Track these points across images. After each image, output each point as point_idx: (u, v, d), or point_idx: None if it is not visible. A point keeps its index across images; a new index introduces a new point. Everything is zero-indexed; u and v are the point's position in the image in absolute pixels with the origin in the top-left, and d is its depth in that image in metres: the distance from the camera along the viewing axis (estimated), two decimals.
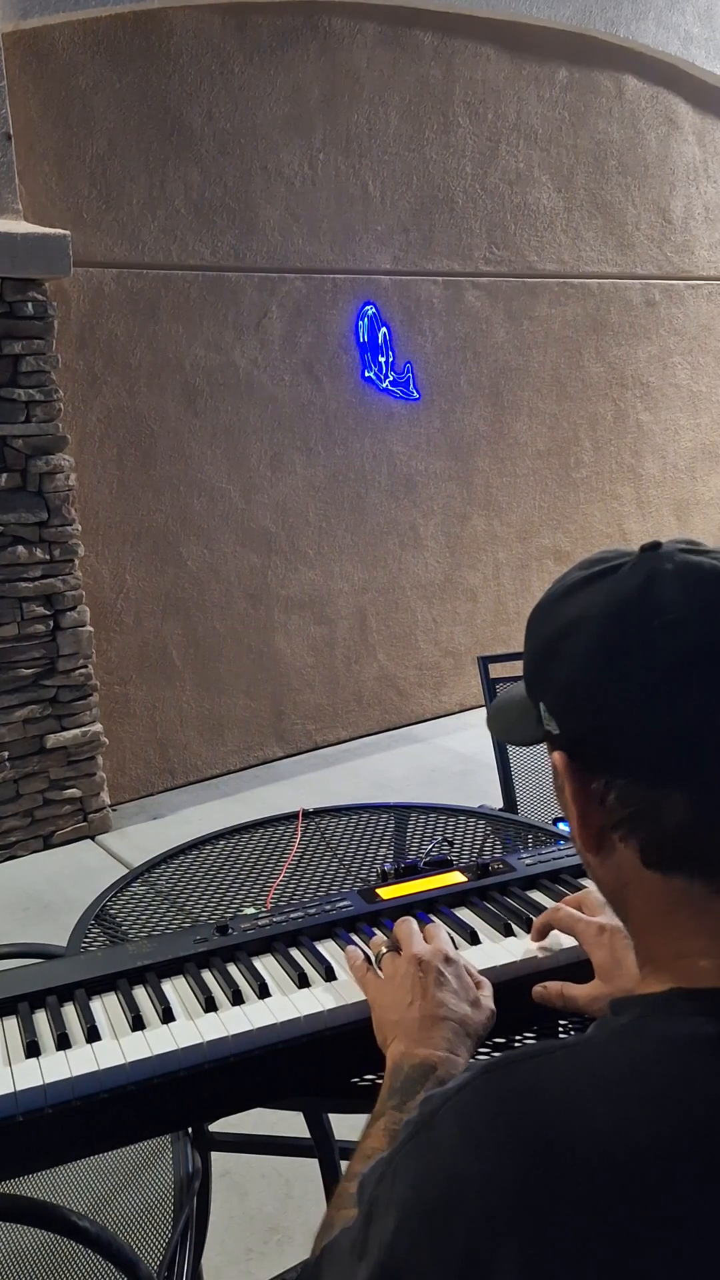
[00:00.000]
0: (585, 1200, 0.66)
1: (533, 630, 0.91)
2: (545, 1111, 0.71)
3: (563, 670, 0.85)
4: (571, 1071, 0.75)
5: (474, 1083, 0.76)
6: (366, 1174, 0.80)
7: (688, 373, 7.20)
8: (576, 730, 0.84)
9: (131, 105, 4.88)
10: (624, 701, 0.80)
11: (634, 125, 6.54)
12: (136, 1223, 1.72)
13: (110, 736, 5.14)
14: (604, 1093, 0.72)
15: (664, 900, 0.83)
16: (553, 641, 0.87)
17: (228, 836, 2.13)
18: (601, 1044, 0.77)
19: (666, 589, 0.80)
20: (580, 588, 0.86)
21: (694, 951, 0.81)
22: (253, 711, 5.77)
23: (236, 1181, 2.70)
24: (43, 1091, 1.17)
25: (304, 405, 5.63)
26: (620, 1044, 0.76)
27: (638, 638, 0.80)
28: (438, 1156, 0.73)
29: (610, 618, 0.82)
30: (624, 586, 0.83)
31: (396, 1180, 0.75)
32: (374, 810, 2.25)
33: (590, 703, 0.82)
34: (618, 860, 0.85)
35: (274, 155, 5.30)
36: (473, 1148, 0.71)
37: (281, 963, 1.41)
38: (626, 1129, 0.69)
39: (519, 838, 2.15)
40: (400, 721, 6.36)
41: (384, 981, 1.27)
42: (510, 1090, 0.74)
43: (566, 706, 0.85)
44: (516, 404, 6.43)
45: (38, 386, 4.52)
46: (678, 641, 0.78)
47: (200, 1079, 1.23)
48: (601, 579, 0.85)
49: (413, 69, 5.65)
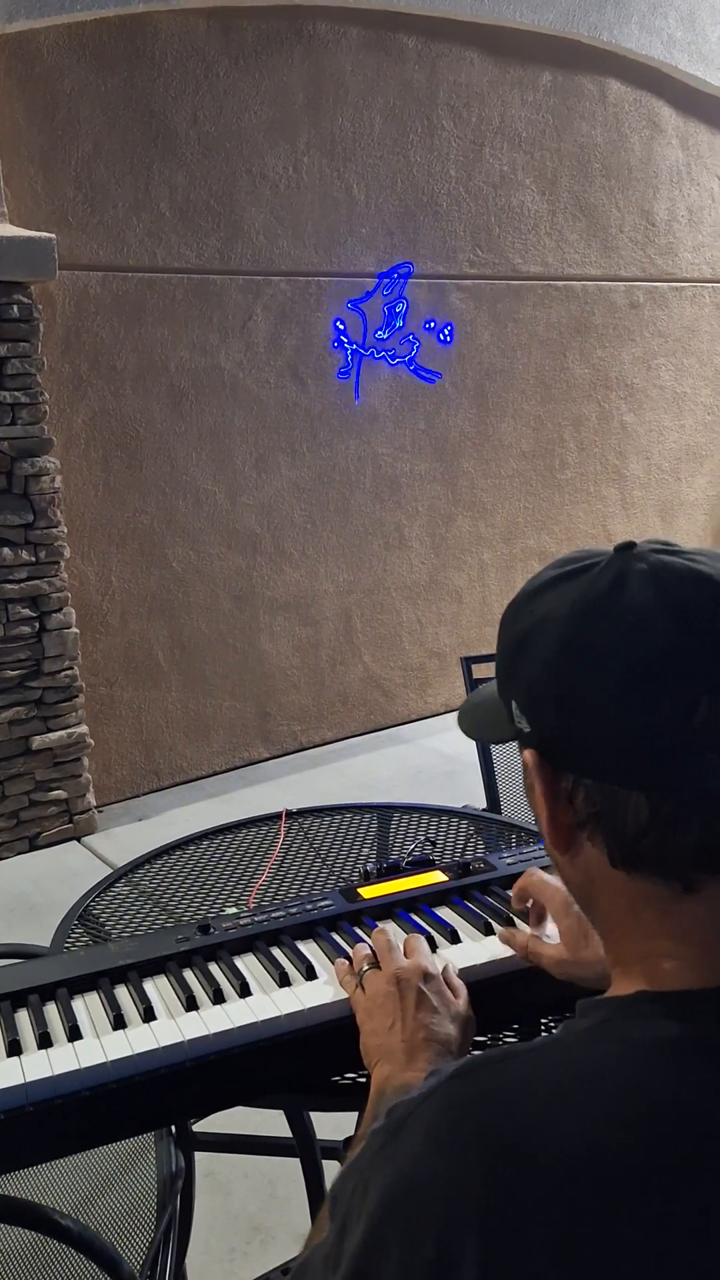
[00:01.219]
0: (550, 1203, 0.67)
1: (504, 628, 0.92)
2: (510, 1115, 0.72)
3: (532, 668, 0.85)
4: (537, 1075, 0.75)
5: (440, 1089, 0.77)
6: (338, 1185, 0.80)
7: (672, 374, 7.23)
8: (545, 729, 0.85)
9: (117, 109, 4.88)
10: (589, 701, 0.80)
11: (618, 128, 6.56)
12: (120, 1222, 1.73)
13: (96, 738, 5.14)
14: (569, 1096, 0.72)
15: (630, 900, 0.83)
16: (522, 639, 0.87)
17: (211, 837, 2.15)
18: (567, 1047, 0.78)
19: (637, 589, 0.81)
20: (552, 586, 0.87)
21: (659, 952, 0.82)
22: (238, 713, 5.78)
23: (220, 1181, 2.71)
24: (24, 1090, 1.17)
25: (289, 407, 5.64)
26: (586, 1047, 0.77)
27: (605, 637, 0.80)
28: (405, 1163, 0.73)
29: (578, 616, 0.82)
30: (595, 586, 0.83)
31: (368, 1191, 0.75)
32: (357, 810, 2.26)
33: (557, 701, 0.83)
34: (585, 859, 0.85)
35: (259, 158, 5.31)
36: (438, 1152, 0.72)
37: (263, 962, 1.42)
38: (591, 1132, 0.69)
39: (501, 837, 2.17)
40: (385, 722, 6.37)
41: (367, 1002, 1.25)
42: (475, 1094, 0.75)
43: (535, 704, 0.85)
44: (501, 406, 6.45)
45: (23, 389, 4.52)
46: (645, 642, 0.78)
47: (181, 1077, 1.24)
48: (574, 578, 0.85)
49: (397, 72, 5.66)
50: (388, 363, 5.90)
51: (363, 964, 1.32)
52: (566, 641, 0.82)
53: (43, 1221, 1.42)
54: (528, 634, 0.87)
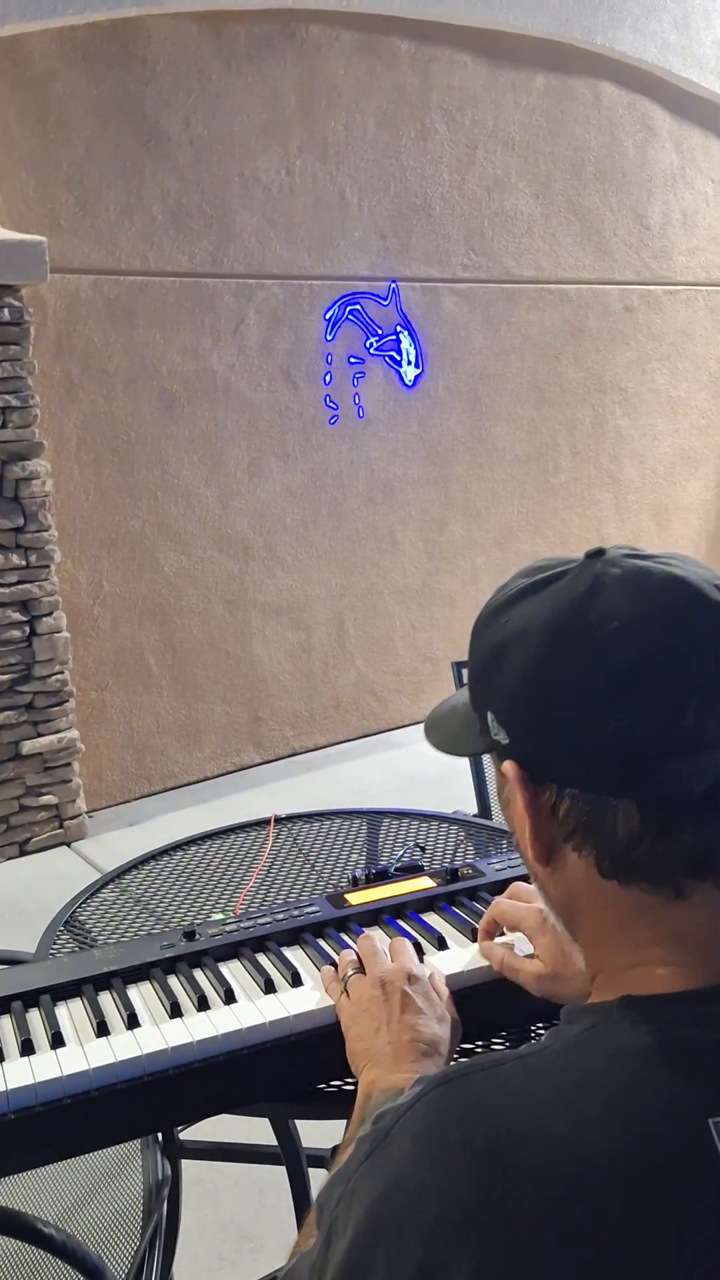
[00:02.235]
0: (538, 1210, 0.67)
1: (477, 640, 0.91)
2: (498, 1122, 0.71)
3: (510, 678, 0.84)
4: (524, 1082, 0.75)
5: (427, 1096, 0.76)
6: (325, 1194, 0.79)
7: (666, 378, 7.23)
8: (526, 740, 0.84)
9: (108, 112, 4.88)
10: (573, 709, 0.79)
11: (611, 132, 6.56)
12: (105, 1230, 1.71)
13: (87, 743, 5.12)
14: (557, 1102, 0.72)
15: (619, 909, 0.83)
16: (498, 650, 0.86)
17: (199, 842, 2.13)
18: (555, 1053, 0.77)
19: (613, 595, 0.80)
20: (524, 596, 0.86)
21: (651, 960, 0.81)
22: (230, 718, 5.76)
23: (209, 1190, 2.70)
24: (5, 1097, 1.16)
25: (281, 411, 5.63)
26: (573, 1054, 0.76)
27: (583, 646, 0.79)
28: (392, 1170, 0.73)
29: (555, 626, 0.81)
30: (569, 594, 0.82)
31: (354, 1199, 0.74)
32: (346, 816, 2.24)
33: (537, 713, 0.82)
34: (569, 872, 0.84)
35: (251, 162, 5.31)
36: (425, 1159, 0.71)
37: (248, 968, 1.40)
38: (579, 1139, 0.69)
39: (491, 843, 2.15)
40: (378, 727, 6.36)
41: (353, 1007, 1.24)
42: (463, 1101, 0.74)
43: (514, 717, 0.84)
44: (495, 409, 6.45)
45: (14, 392, 4.51)
46: (627, 648, 0.78)
47: (165, 1085, 1.22)
48: (545, 586, 0.85)
49: (390, 76, 5.66)
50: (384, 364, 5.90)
51: (347, 969, 1.30)
52: (546, 651, 0.81)
53: (25, 1230, 1.40)
54: (503, 645, 0.86)
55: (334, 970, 1.34)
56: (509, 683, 0.84)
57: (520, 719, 0.84)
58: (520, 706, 0.84)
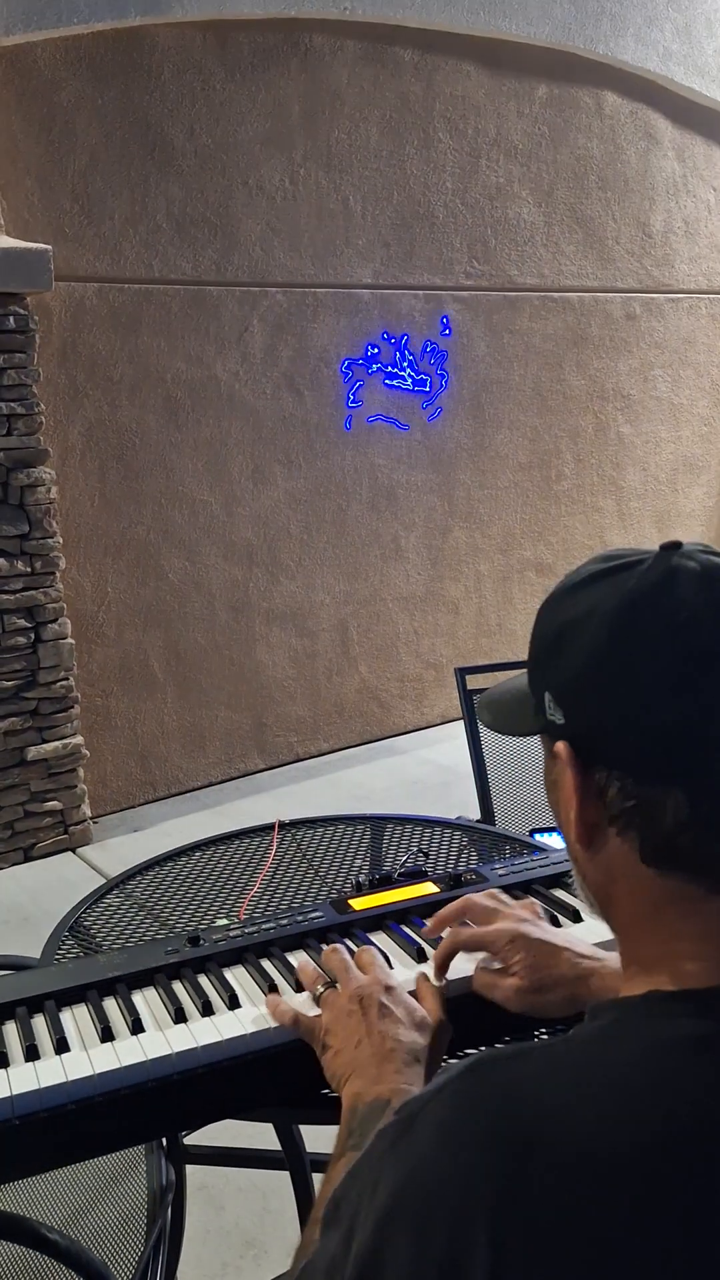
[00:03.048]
0: (565, 1201, 0.67)
1: (544, 618, 0.91)
2: (525, 1112, 0.71)
3: (574, 660, 0.85)
4: (551, 1072, 0.75)
5: (452, 1084, 0.76)
6: (341, 1189, 0.79)
7: (668, 385, 7.24)
8: (582, 721, 0.85)
9: (113, 121, 4.90)
10: (633, 695, 0.80)
11: (614, 140, 6.58)
12: (110, 1236, 1.72)
13: (91, 749, 5.13)
14: (584, 1094, 0.72)
15: (655, 897, 0.83)
16: (565, 630, 0.87)
17: (204, 848, 2.14)
18: (582, 1045, 0.78)
19: (686, 587, 0.81)
20: (597, 580, 0.87)
21: (681, 953, 0.81)
22: (234, 724, 5.77)
23: (214, 1195, 2.70)
24: (10, 1103, 1.17)
25: (285, 418, 5.64)
26: (601, 1046, 0.77)
27: (653, 633, 0.80)
28: (416, 1159, 0.73)
29: (626, 610, 0.82)
30: (643, 582, 0.83)
31: (377, 1189, 0.74)
32: (350, 822, 2.25)
33: (599, 694, 0.83)
34: (609, 855, 0.85)
35: (255, 170, 5.32)
36: (451, 1148, 0.71)
37: (252, 974, 1.41)
38: (607, 1131, 0.69)
39: (495, 849, 2.16)
40: (381, 733, 6.36)
41: (329, 1021, 1.22)
42: (489, 1091, 0.74)
43: (574, 697, 0.85)
44: (498, 417, 6.46)
45: (19, 400, 4.52)
46: (692, 639, 0.79)
47: (169, 1091, 1.23)
48: (619, 573, 0.85)
49: (393, 85, 5.68)
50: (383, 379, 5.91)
51: (316, 985, 1.29)
52: (614, 634, 0.82)
53: (30, 1235, 1.41)
54: (570, 625, 0.86)
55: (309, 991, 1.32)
56: (572, 663, 0.85)
57: (579, 700, 0.85)
58: (581, 687, 0.84)
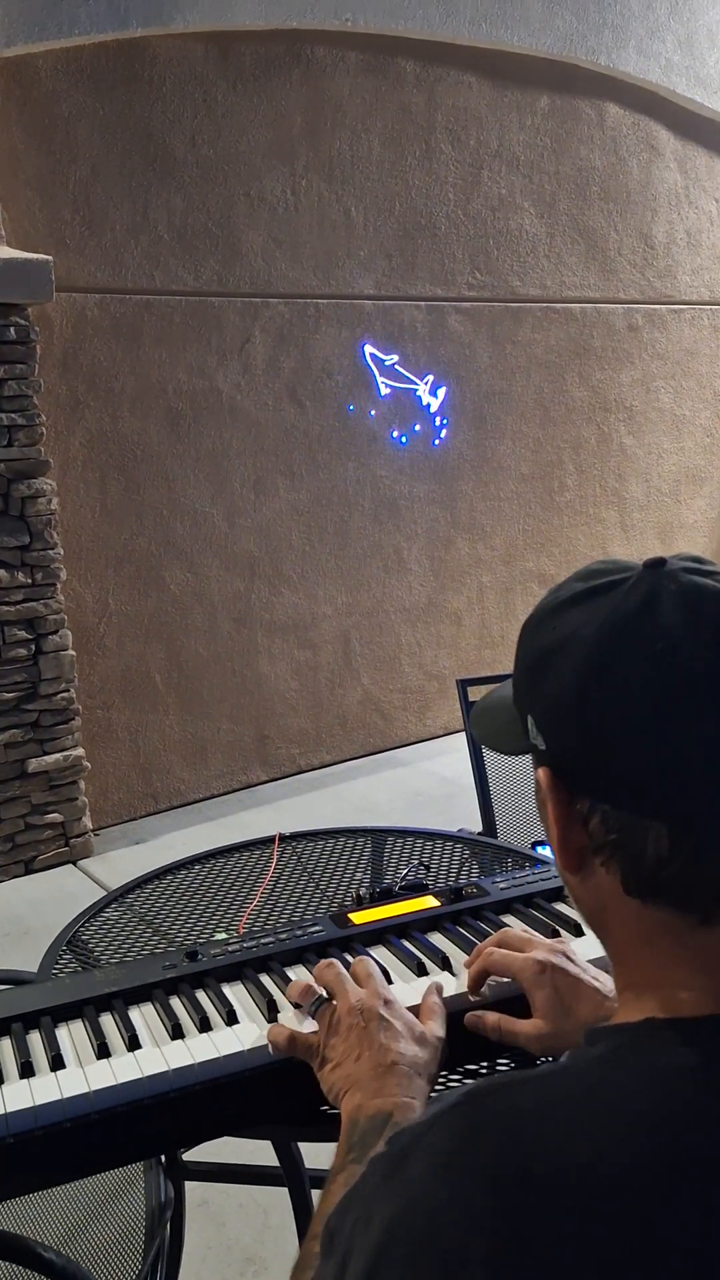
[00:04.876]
0: (563, 1231, 0.65)
1: (525, 641, 0.89)
2: (521, 1140, 0.70)
3: (553, 686, 0.83)
4: (545, 1101, 0.73)
5: (445, 1114, 0.74)
6: (336, 1218, 0.77)
7: (671, 396, 7.23)
8: (563, 749, 0.82)
9: (115, 132, 4.90)
10: (612, 725, 0.78)
11: (616, 152, 6.58)
12: (108, 1254, 1.70)
13: (92, 761, 5.11)
14: (582, 1122, 0.70)
15: (644, 928, 0.81)
16: (545, 655, 0.85)
17: (204, 861, 2.12)
18: (579, 1073, 0.76)
19: (669, 611, 0.78)
20: (578, 601, 0.84)
21: (674, 982, 0.80)
22: (236, 735, 5.76)
23: (214, 1212, 2.68)
24: (4, 1121, 1.15)
25: (287, 429, 5.64)
26: (598, 1073, 0.75)
27: (632, 661, 0.78)
28: (411, 1192, 0.71)
29: (606, 637, 0.80)
30: (624, 605, 0.80)
31: (371, 1223, 0.72)
32: (351, 834, 2.23)
33: (578, 723, 0.81)
34: (598, 883, 0.83)
35: (257, 181, 5.33)
36: (445, 1178, 0.69)
37: (250, 989, 1.39)
38: (606, 1159, 0.67)
39: (496, 862, 2.14)
40: (384, 745, 6.35)
41: (327, 1034, 1.21)
42: (484, 1120, 0.73)
43: (554, 723, 0.83)
44: (500, 428, 6.45)
45: (20, 411, 4.52)
46: (673, 668, 0.76)
47: (166, 1107, 1.21)
48: (601, 594, 0.83)
49: (395, 96, 5.68)
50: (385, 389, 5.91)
51: (310, 1000, 1.28)
52: (593, 664, 0.80)
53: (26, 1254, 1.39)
54: (551, 651, 0.84)
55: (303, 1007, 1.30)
56: (552, 691, 0.83)
57: (559, 728, 0.83)
58: (560, 716, 0.82)
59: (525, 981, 1.26)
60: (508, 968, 1.29)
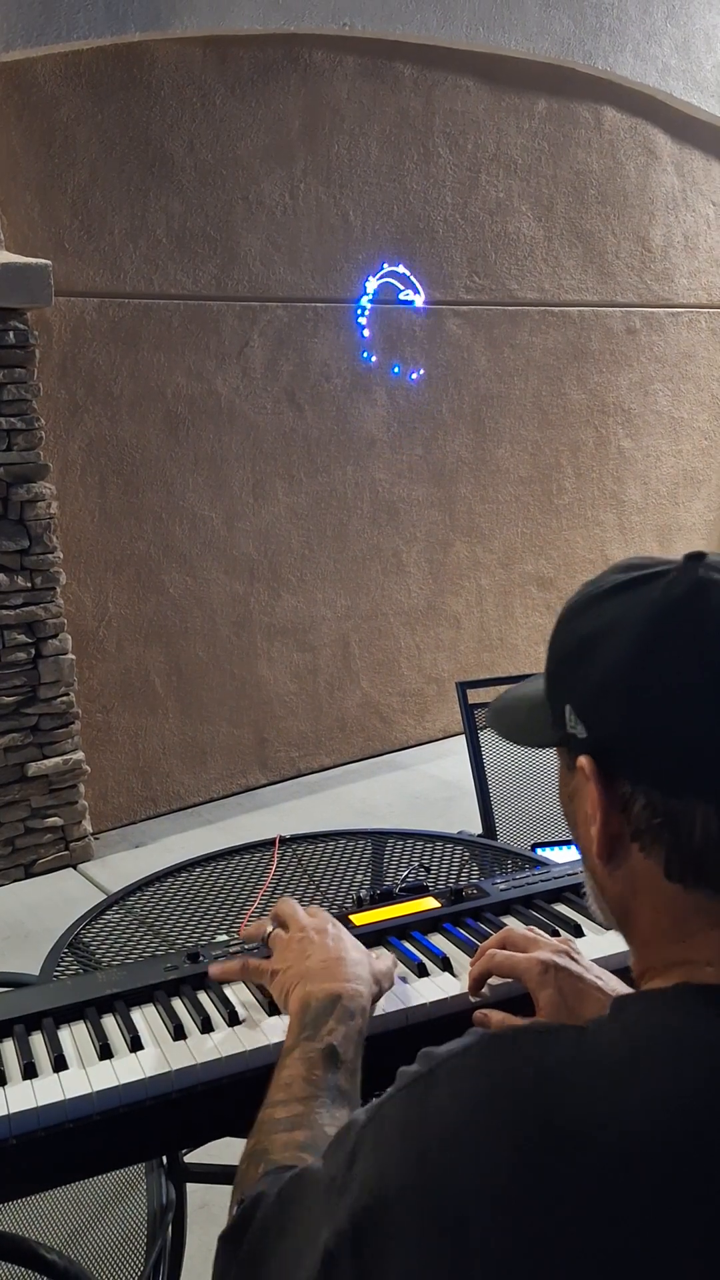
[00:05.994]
0: (582, 1183, 0.66)
1: (563, 629, 0.90)
2: (548, 1091, 0.71)
3: (597, 672, 0.84)
4: (577, 1054, 0.74)
5: (478, 1047, 0.76)
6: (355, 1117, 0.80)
7: (669, 399, 7.24)
8: (606, 734, 0.83)
9: (113, 136, 4.91)
10: (659, 708, 0.79)
11: (613, 155, 6.59)
12: (110, 1256, 1.70)
13: (92, 764, 5.12)
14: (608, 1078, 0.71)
15: (678, 912, 0.82)
16: (587, 641, 0.85)
17: (204, 864, 2.12)
18: (609, 1030, 0.77)
19: (715, 599, 0.80)
20: (620, 591, 0.85)
21: (701, 958, 0.81)
22: (236, 739, 5.76)
23: (216, 1213, 2.67)
24: (7, 1122, 1.15)
25: (286, 433, 5.64)
26: (627, 1032, 0.76)
27: (680, 644, 0.79)
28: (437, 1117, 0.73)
29: (653, 622, 0.81)
30: (669, 593, 0.82)
31: (385, 1124, 0.75)
32: (351, 837, 2.24)
33: (624, 707, 0.81)
34: (630, 870, 0.84)
35: (255, 185, 5.33)
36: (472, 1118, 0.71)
37: (252, 990, 1.39)
38: (629, 1116, 0.68)
39: (496, 863, 2.15)
40: (383, 748, 6.35)
41: (278, 955, 1.28)
42: (515, 1063, 0.74)
43: (598, 709, 0.84)
44: (498, 431, 6.46)
45: (19, 415, 4.52)
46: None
47: (168, 1108, 1.22)
48: (643, 584, 0.84)
49: (393, 100, 5.69)
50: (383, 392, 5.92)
51: (266, 927, 1.36)
52: (640, 646, 0.81)
53: (28, 1256, 1.39)
54: (593, 637, 0.85)
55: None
56: (596, 675, 0.84)
57: (604, 713, 0.83)
58: (606, 700, 0.83)
59: (529, 982, 1.26)
60: (512, 968, 1.29)
